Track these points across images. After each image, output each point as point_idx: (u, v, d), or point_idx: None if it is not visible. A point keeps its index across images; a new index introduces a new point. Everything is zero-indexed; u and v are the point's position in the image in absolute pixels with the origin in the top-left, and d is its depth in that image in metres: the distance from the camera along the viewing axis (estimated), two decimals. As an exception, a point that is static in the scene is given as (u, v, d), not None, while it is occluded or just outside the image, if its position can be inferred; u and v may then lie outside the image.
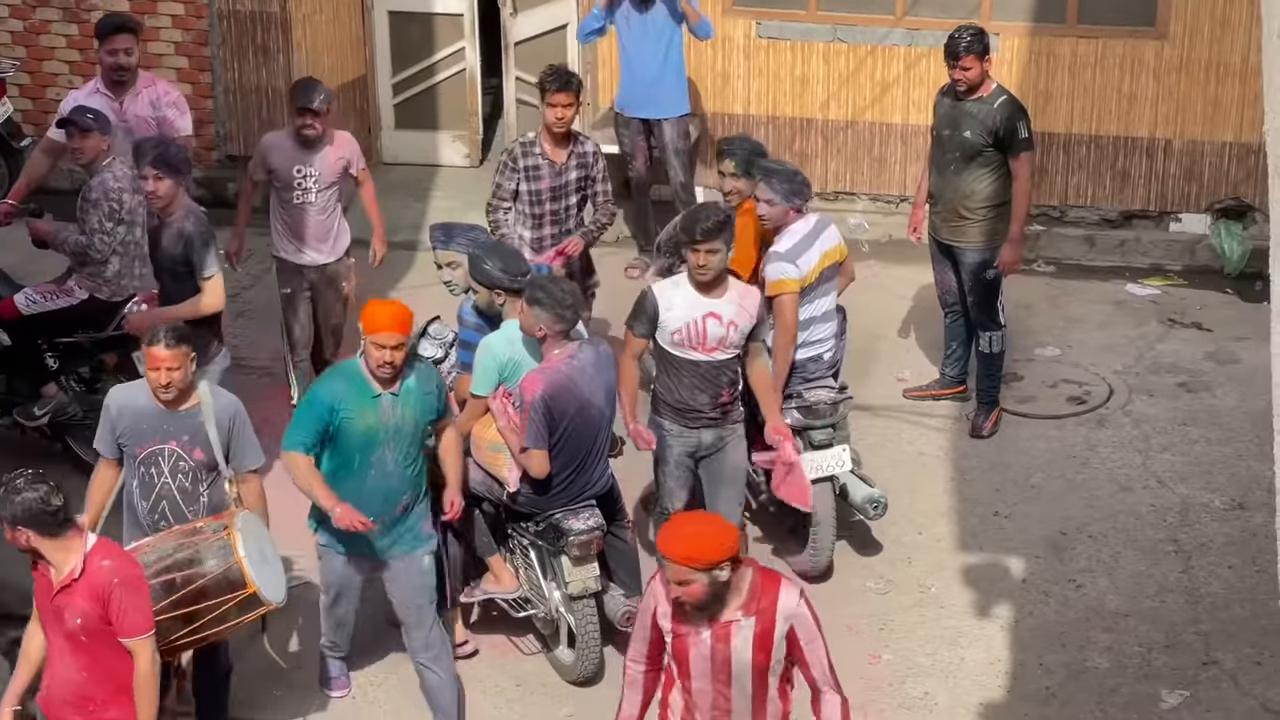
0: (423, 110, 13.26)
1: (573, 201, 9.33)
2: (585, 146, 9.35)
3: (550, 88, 9.10)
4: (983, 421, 9.91)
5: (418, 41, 13.13)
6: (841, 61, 12.39)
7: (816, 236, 8.55)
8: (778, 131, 12.45)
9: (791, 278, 8.37)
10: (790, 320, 8.40)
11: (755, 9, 12.40)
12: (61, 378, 9.39)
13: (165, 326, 7.05)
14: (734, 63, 12.53)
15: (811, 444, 8.48)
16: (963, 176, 9.55)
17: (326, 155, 9.38)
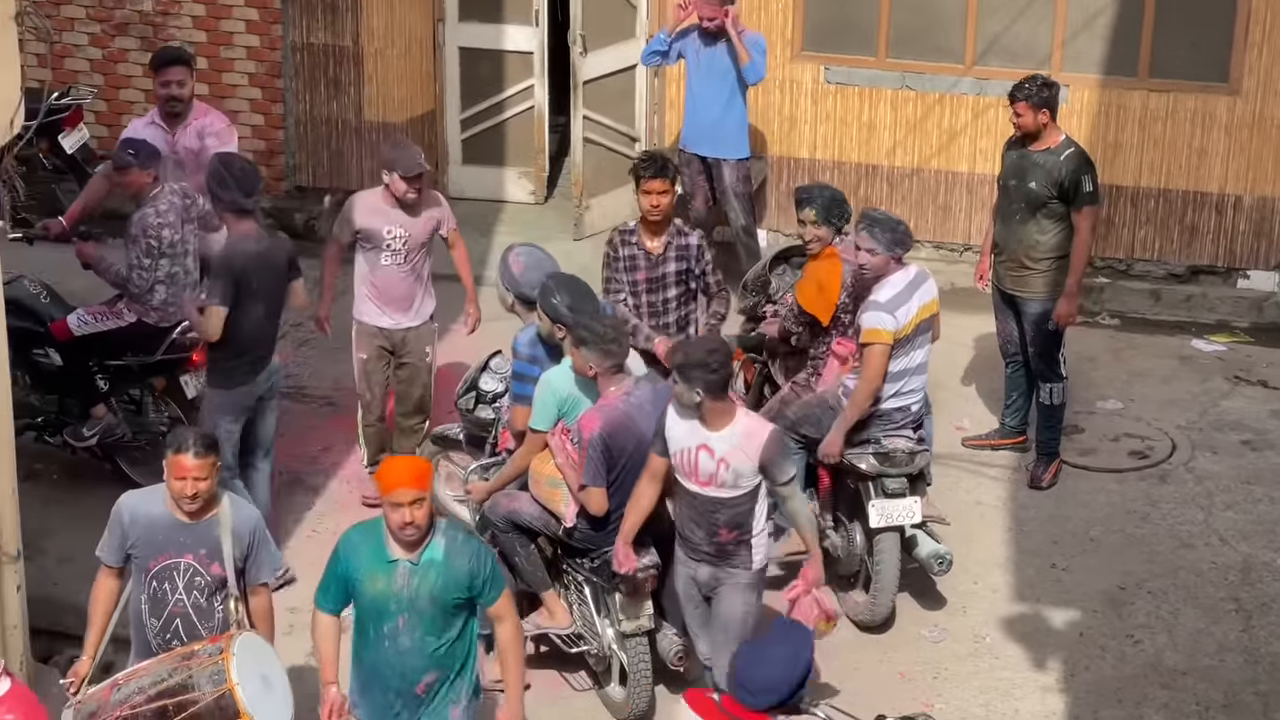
0: (490, 146, 13.29)
1: (670, 295, 8.90)
2: (688, 239, 8.91)
3: (644, 174, 8.73)
4: (1042, 473, 9.86)
5: (487, 78, 13.13)
6: (909, 108, 12.38)
7: (916, 288, 8.51)
8: (843, 177, 12.41)
9: (887, 328, 8.33)
10: (876, 370, 8.34)
11: (824, 54, 12.43)
12: (111, 399, 9.44)
13: (194, 433, 6.61)
14: (801, 107, 12.53)
15: (884, 491, 8.43)
16: (1027, 227, 9.53)
17: (419, 216, 9.20)
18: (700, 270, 8.86)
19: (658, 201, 8.67)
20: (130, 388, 9.46)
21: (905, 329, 8.40)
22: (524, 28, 13.00)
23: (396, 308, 9.29)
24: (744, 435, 7.24)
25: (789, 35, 12.41)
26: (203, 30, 12.74)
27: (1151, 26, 11.87)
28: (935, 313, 8.56)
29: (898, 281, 8.45)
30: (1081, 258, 9.46)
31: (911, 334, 8.44)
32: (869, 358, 8.36)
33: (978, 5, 12.07)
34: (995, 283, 9.82)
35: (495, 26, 13.03)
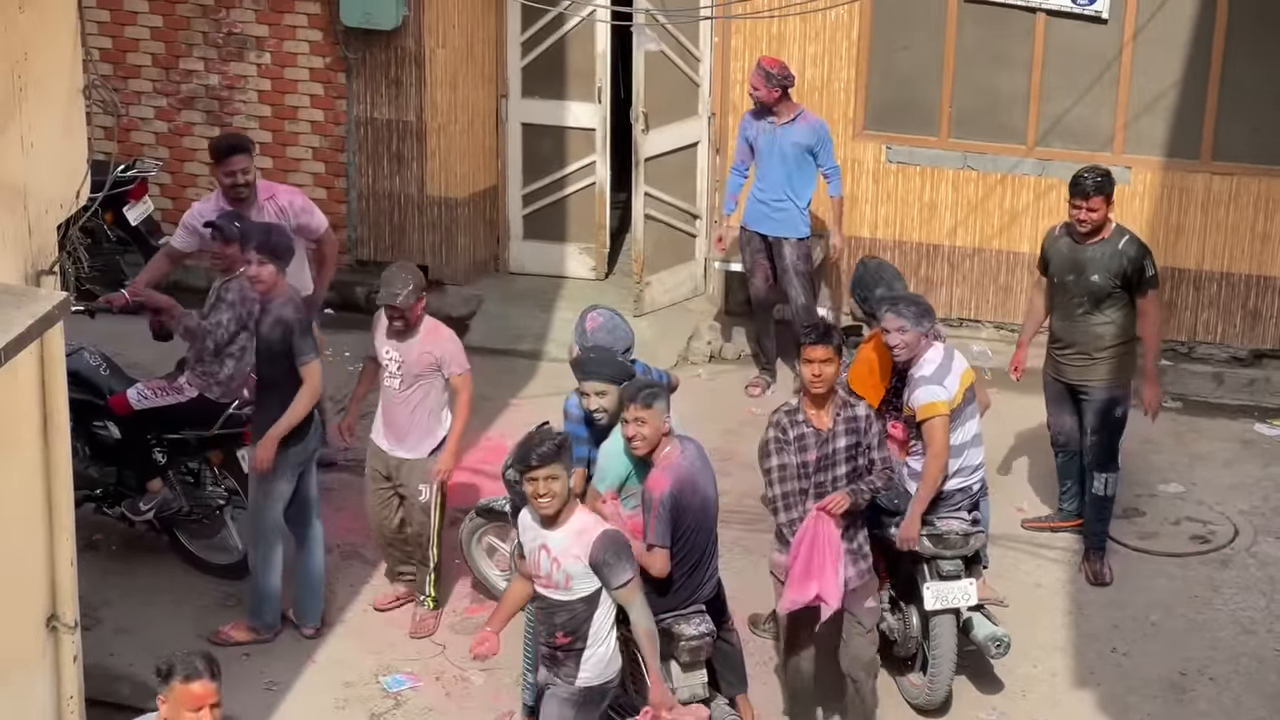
0: (551, 221, 13.32)
1: (840, 473, 8.01)
2: (856, 410, 8.08)
3: (805, 341, 7.99)
4: (1100, 568, 9.80)
5: (549, 154, 13.18)
6: (970, 189, 12.38)
7: (952, 358, 8.57)
8: (904, 256, 12.42)
9: (942, 400, 8.36)
10: (941, 444, 8.34)
11: (886, 133, 12.42)
12: (168, 472, 9.49)
13: (200, 656, 5.91)
14: (862, 186, 12.52)
15: (939, 574, 8.41)
16: (1093, 319, 9.52)
17: (413, 346, 8.89)
18: (868, 444, 8.05)
19: (820, 371, 7.83)
20: (188, 460, 9.52)
21: (956, 399, 8.42)
22: (587, 104, 13.06)
23: (393, 434, 9.04)
24: (576, 533, 7.18)
25: (851, 114, 12.45)
26: (268, 105, 12.82)
27: (1215, 109, 11.84)
28: (973, 381, 8.60)
29: (934, 357, 8.48)
30: (1156, 342, 9.54)
31: (961, 404, 8.45)
32: (931, 433, 8.35)
33: (1040, 86, 12.07)
34: (1053, 375, 9.76)
35: (558, 103, 13.10)
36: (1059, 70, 12.01)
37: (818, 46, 12.35)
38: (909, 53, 12.28)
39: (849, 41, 12.26)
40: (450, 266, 13.06)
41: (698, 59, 12.75)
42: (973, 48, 12.11)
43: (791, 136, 11.55)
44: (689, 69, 12.71)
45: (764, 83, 11.38)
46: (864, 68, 12.40)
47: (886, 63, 12.33)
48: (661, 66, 12.44)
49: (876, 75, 12.38)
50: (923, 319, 8.45)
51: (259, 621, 9.13)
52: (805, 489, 7.86)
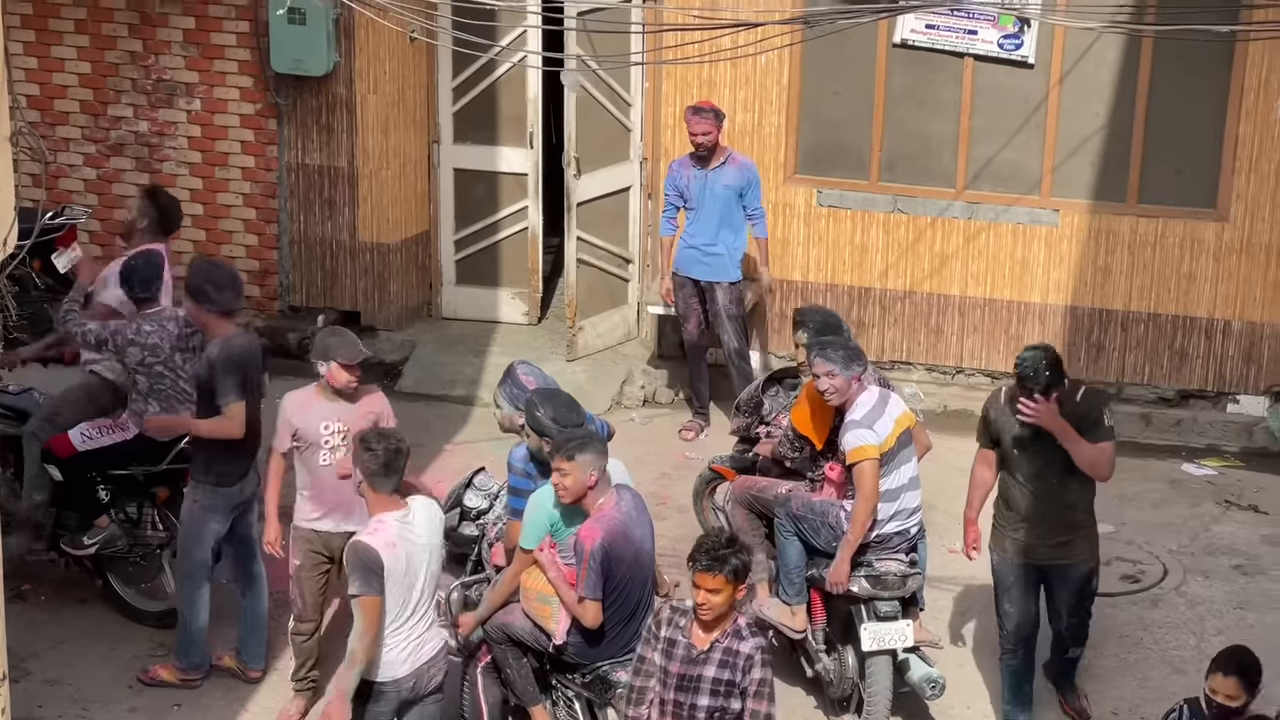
0: (484, 266, 13.31)
1: (701, 705, 7.03)
2: (742, 646, 7.04)
3: (696, 566, 6.99)
4: (1082, 701, 8.96)
5: (481, 199, 13.17)
6: (901, 232, 12.38)
7: (886, 402, 8.54)
8: (835, 299, 12.41)
9: (871, 443, 8.31)
10: (870, 488, 8.31)
11: (817, 177, 12.44)
12: (111, 511, 9.41)
13: None
14: (794, 229, 12.52)
15: (877, 615, 8.42)
16: (1067, 487, 8.28)
17: (355, 410, 8.53)
18: (743, 688, 7.01)
19: (707, 599, 6.93)
20: (133, 499, 9.40)
21: (887, 443, 8.36)
22: (519, 150, 13.05)
23: (339, 511, 8.55)
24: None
25: (782, 159, 12.47)
26: (198, 151, 12.81)
27: (1140, 153, 11.92)
28: (912, 424, 8.55)
29: (866, 401, 8.44)
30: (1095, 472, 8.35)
31: (895, 448, 8.41)
32: (860, 477, 8.33)
33: (969, 131, 12.11)
34: (1023, 558, 8.42)
35: (490, 148, 13.08)
36: (987, 114, 12.08)
37: (748, 91, 12.39)
38: (839, 98, 12.33)
39: (779, 86, 12.30)
40: (383, 312, 13.04)
41: (629, 104, 12.77)
42: (902, 92, 12.17)
43: (723, 179, 11.56)
44: (620, 114, 12.72)
45: (714, 125, 11.37)
46: (794, 112, 12.45)
47: (817, 107, 12.38)
48: (593, 111, 12.44)
49: (807, 120, 12.43)
50: (852, 363, 8.41)
51: (186, 662, 9.01)
52: (662, 699, 7.08)
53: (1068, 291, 12.11)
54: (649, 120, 12.67)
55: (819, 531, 8.62)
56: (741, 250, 11.76)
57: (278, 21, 11.91)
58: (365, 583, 7.21)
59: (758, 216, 11.67)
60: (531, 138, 12.94)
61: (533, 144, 12.97)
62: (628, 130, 12.78)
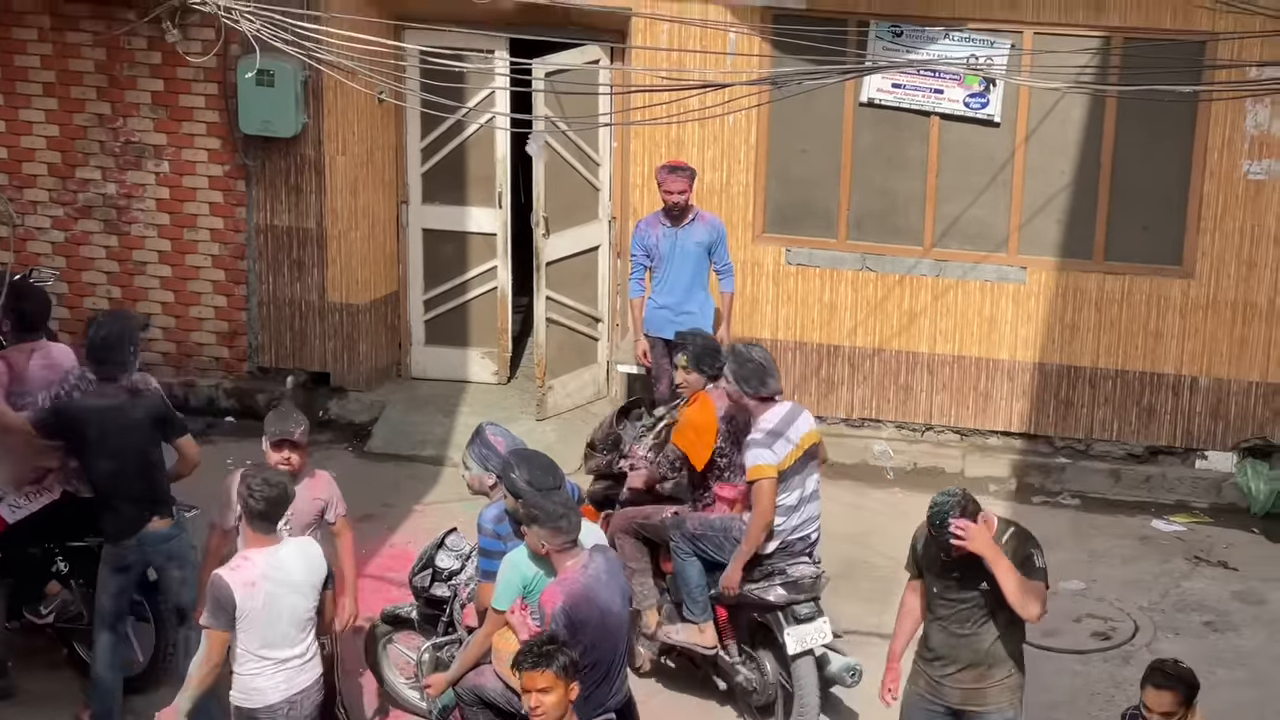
0: (453, 327, 13.25)
1: None
2: None
3: (523, 667, 6.82)
4: None
5: (450, 259, 13.12)
6: (869, 289, 12.35)
7: (790, 423, 8.74)
8: (805, 358, 12.42)
9: (768, 463, 8.55)
10: (766, 505, 8.58)
11: (785, 235, 12.40)
12: (70, 581, 9.34)
13: None
14: (762, 288, 12.48)
15: (796, 618, 8.70)
16: (985, 629, 7.73)
17: (303, 494, 8.21)
18: None
19: (539, 702, 6.75)
20: (90, 568, 9.24)
21: (786, 461, 8.61)
22: (487, 209, 13.01)
23: None
24: None
25: (750, 218, 12.42)
26: (166, 213, 12.75)
27: (1106, 210, 11.89)
28: (818, 442, 8.84)
29: (770, 419, 8.67)
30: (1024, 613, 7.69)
31: (796, 465, 8.68)
32: (757, 494, 8.58)
33: (936, 188, 12.08)
34: (929, 696, 7.94)
35: (459, 209, 13.03)
36: (954, 172, 12.05)
37: (716, 150, 12.35)
38: (807, 156, 12.30)
39: (747, 145, 12.26)
40: (352, 373, 12.99)
41: (597, 163, 12.74)
42: (869, 151, 12.13)
43: (693, 236, 11.54)
44: (589, 173, 12.69)
45: (688, 183, 11.36)
46: (762, 171, 12.40)
47: (785, 166, 12.34)
48: (562, 171, 12.38)
49: (775, 178, 12.38)
50: (748, 380, 8.64)
51: (97, 706, 8.95)
52: None
53: (1036, 348, 12.09)
54: (617, 179, 12.67)
55: (723, 546, 8.84)
56: (713, 308, 11.75)
57: (246, 84, 11.81)
58: (214, 616, 7.49)
59: (726, 271, 11.69)
60: (500, 197, 12.93)
61: (501, 204, 12.95)
62: (596, 190, 12.76)
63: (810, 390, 12.34)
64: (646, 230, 11.61)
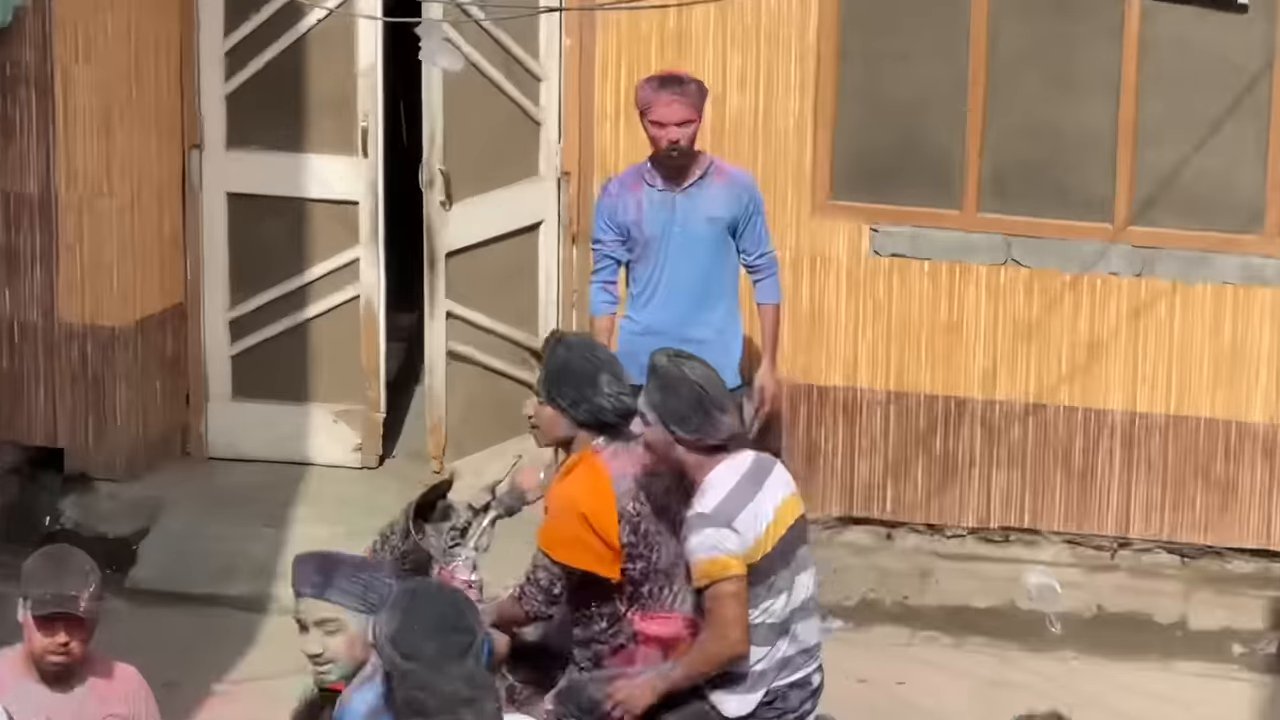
0: (281, 368, 13.14)
1: None
2: None
3: None
4: None
5: (276, 247, 13.03)
6: (1018, 299, 12.39)
7: (759, 481, 8.78)
8: (902, 419, 12.52)
9: (730, 552, 8.52)
10: (728, 618, 8.62)
11: (870, 204, 12.51)
12: None
13: None
14: (827, 294, 12.49)
15: None
16: None
17: (85, 702, 8.30)
18: None
19: None
20: None
21: (758, 551, 8.61)
22: (342, 160, 12.86)
23: None
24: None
25: (808, 173, 12.36)
26: None
27: None
28: (801, 515, 8.93)
29: (724, 477, 8.64)
30: None
31: (776, 553, 8.70)
32: (714, 605, 8.60)
33: (1136, 124, 12.18)
34: None
35: (290, 158, 12.95)
36: (1167, 94, 12.15)
37: (747, 53, 12.29)
38: (908, 66, 12.22)
39: (802, 46, 12.17)
40: (103, 449, 13.00)
41: (538, 78, 12.65)
42: (1017, 58, 12.08)
43: (704, 206, 11.39)
44: (523, 96, 12.64)
45: (694, 109, 11.22)
46: (829, 92, 12.28)
47: (869, 84, 12.27)
48: (475, 92, 12.42)
49: (851, 105, 12.30)
50: (678, 419, 8.65)
51: None
52: None
53: (1318, 402, 12.25)
54: (572, 107, 12.63)
55: None
56: (739, 333, 11.60)
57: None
58: None
59: (765, 266, 11.60)
60: (365, 138, 12.69)
61: (367, 150, 12.71)
62: (535, 124, 12.69)
63: (914, 476, 12.35)
64: (621, 196, 11.51)
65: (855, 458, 12.60)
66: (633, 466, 9.12)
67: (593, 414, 9.10)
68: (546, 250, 12.86)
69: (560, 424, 9.13)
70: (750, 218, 11.49)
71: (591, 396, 9.09)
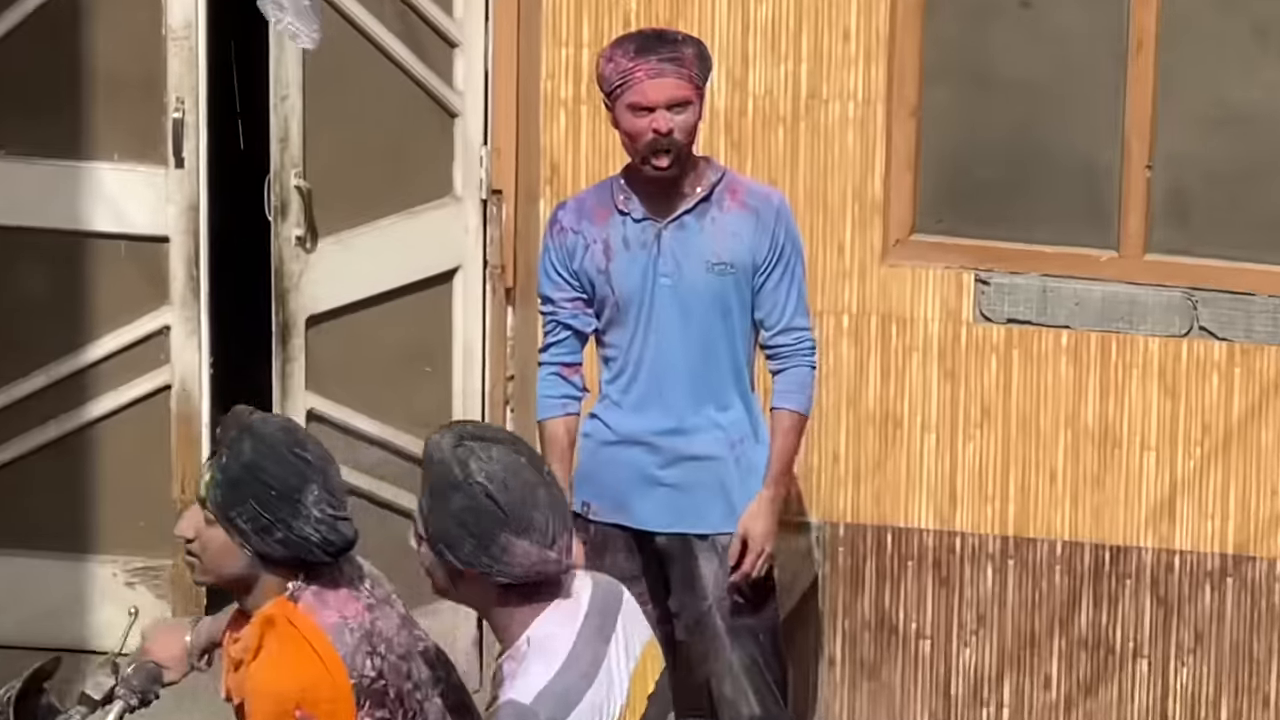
0: (42, 501, 11.09)
1: None
2: None
3: None
4: None
5: (37, 310, 11.08)
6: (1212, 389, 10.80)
7: (605, 635, 7.25)
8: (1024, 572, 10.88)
9: None
10: None
11: (972, 240, 10.56)
12: None
13: None
14: (906, 379, 10.86)
15: None
16: None
17: None
18: None
19: None
20: None
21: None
22: (141, 171, 10.96)
23: None
24: None
25: (875, 187, 10.61)
26: None
27: None
28: (663, 671, 7.69)
29: (551, 637, 7.19)
30: None
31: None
32: None
33: None
34: None
35: (59, 168, 11.00)
36: None
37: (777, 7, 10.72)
38: (1035, 19, 10.49)
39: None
40: None
41: (452, 42, 10.89)
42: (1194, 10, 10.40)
43: (704, 244, 9.46)
44: (429, 70, 10.85)
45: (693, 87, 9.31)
46: (913, 58, 10.59)
47: (976, 43, 10.67)
48: (353, 63, 10.71)
49: (947, 80, 10.66)
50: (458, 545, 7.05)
51: None
52: None
53: None
54: (505, 89, 10.91)
55: None
56: (763, 447, 9.48)
57: None
58: None
59: (791, 351, 9.54)
60: (179, 138, 10.75)
61: (182, 156, 10.81)
62: (449, 116, 10.97)
63: (1045, 667, 11.06)
64: (582, 230, 9.81)
65: (954, 643, 10.87)
66: (351, 605, 7.20)
67: (290, 547, 7.03)
68: (465, 312, 11.07)
69: (235, 558, 7.15)
70: (776, 265, 9.30)
71: (290, 519, 6.95)
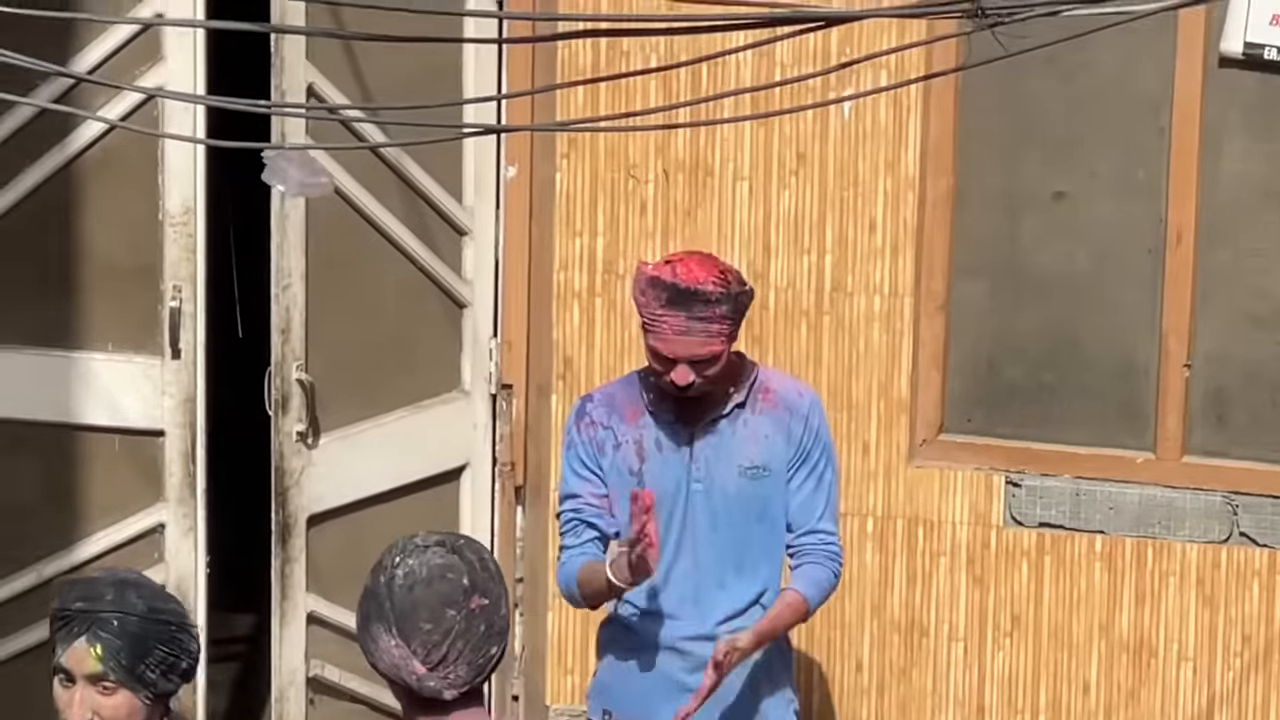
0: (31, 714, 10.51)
1: None
2: None
3: None
4: None
5: (26, 507, 10.83)
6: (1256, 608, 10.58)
7: None
8: None
9: None
10: None
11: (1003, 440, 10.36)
12: None
13: None
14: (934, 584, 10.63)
15: None
16: None
17: None
18: None
19: None
20: None
21: None
22: (137, 361, 10.78)
23: None
24: None
25: (902, 385, 10.54)
26: None
27: None
28: None
29: None
30: None
31: None
32: None
33: None
34: None
35: (50, 358, 10.75)
36: None
37: (802, 193, 10.45)
38: (1069, 210, 10.26)
39: (896, 176, 10.41)
40: None
41: (462, 230, 10.84)
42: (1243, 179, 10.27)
43: (737, 450, 9.19)
44: (437, 258, 10.71)
45: (722, 334, 9.18)
46: (942, 251, 10.51)
47: (1005, 235, 10.58)
48: (358, 250, 10.61)
49: (977, 273, 10.62)
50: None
51: None
52: None
53: None
54: (517, 278, 10.84)
55: None
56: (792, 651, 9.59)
57: None
58: None
59: (813, 552, 9.19)
60: (176, 327, 10.65)
61: (179, 346, 10.67)
62: (458, 307, 10.93)
63: None
64: (612, 426, 9.62)
65: None
66: None
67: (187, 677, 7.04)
68: (473, 512, 10.87)
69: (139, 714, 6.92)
70: (801, 467, 9.05)
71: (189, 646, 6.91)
